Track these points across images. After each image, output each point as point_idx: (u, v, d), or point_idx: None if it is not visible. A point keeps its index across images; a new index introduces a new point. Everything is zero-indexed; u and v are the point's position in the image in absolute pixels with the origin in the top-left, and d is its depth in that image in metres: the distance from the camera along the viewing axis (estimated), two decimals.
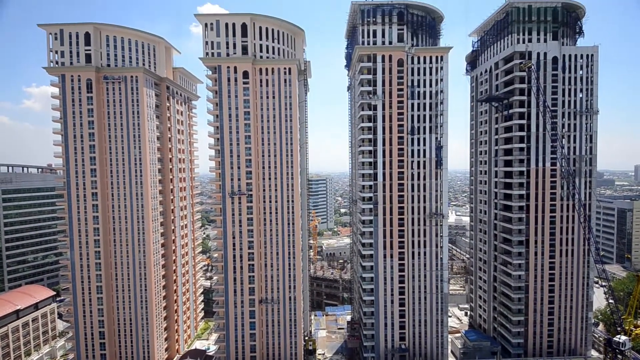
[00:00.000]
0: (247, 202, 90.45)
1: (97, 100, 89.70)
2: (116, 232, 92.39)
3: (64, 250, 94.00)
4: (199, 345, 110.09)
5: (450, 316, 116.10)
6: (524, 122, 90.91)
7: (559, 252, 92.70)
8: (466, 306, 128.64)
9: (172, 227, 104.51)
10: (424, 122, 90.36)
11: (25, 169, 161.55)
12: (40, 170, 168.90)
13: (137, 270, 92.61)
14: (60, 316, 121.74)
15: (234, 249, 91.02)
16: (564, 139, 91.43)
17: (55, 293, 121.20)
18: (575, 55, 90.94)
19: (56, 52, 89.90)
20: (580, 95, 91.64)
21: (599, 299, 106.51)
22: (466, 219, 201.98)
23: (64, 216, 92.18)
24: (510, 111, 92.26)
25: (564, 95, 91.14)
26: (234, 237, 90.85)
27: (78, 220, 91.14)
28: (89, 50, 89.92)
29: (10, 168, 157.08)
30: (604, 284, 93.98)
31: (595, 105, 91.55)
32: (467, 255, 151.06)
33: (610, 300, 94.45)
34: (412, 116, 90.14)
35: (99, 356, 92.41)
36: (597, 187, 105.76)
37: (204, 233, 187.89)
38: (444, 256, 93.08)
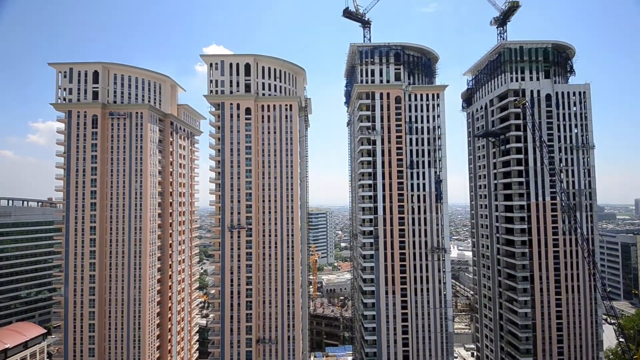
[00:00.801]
0: (246, 236, 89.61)
1: (101, 135, 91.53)
2: (112, 267, 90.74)
3: (58, 285, 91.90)
4: None
5: (456, 357, 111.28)
6: (521, 156, 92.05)
7: (564, 288, 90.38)
8: (472, 346, 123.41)
9: (170, 262, 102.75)
10: (423, 156, 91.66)
11: (25, 203, 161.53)
12: (40, 203, 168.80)
13: (131, 307, 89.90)
14: (49, 356, 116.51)
15: (232, 285, 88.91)
16: (562, 173, 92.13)
17: (46, 331, 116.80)
18: (568, 93, 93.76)
19: (64, 89, 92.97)
20: (576, 131, 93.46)
21: (609, 338, 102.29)
22: (468, 254, 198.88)
23: (61, 250, 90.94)
24: (508, 146, 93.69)
25: (559, 130, 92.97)
26: (232, 273, 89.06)
27: (74, 255, 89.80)
28: (97, 87, 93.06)
29: (10, 202, 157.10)
30: (613, 321, 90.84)
31: (591, 140, 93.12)
32: (471, 292, 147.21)
33: (621, 339, 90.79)
34: (411, 151, 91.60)
35: None
36: (599, 221, 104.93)
37: (202, 268, 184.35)
38: (448, 293, 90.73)
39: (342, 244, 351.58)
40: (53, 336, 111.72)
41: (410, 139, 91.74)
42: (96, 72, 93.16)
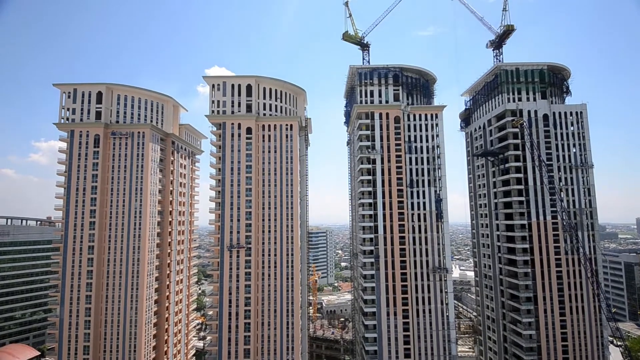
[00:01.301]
0: (245, 255, 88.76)
1: (102, 154, 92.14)
2: (109, 287, 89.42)
3: (54, 306, 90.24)
4: None
5: None
6: (520, 175, 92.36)
7: (569, 309, 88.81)
8: None
9: (167, 283, 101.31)
10: (423, 175, 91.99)
11: (24, 222, 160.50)
12: (39, 222, 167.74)
13: (127, 328, 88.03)
14: None
15: (230, 306, 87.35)
16: (562, 192, 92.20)
17: (39, 353, 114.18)
18: (565, 113, 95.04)
19: (68, 109, 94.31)
20: (574, 150, 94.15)
21: None
22: (471, 274, 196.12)
23: (58, 270, 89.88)
24: (507, 165, 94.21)
25: (557, 150, 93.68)
26: (230, 293, 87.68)
27: (72, 275, 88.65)
28: (100, 107, 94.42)
29: (8, 220, 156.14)
30: (619, 343, 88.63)
31: (590, 159, 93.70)
32: (474, 313, 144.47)
33: None
34: (411, 170, 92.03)
35: None
36: (601, 241, 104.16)
37: (200, 289, 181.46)
38: (450, 314, 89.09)
39: (343, 264, 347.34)
40: (47, 358, 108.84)
41: (410, 158, 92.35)
42: (100, 92, 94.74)
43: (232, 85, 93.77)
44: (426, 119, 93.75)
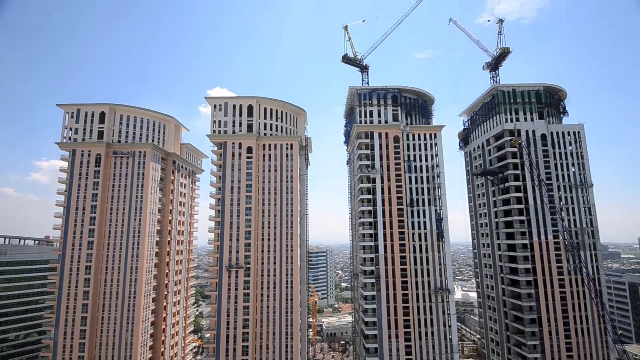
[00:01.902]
0: (244, 275, 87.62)
1: (103, 173, 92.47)
2: (105, 308, 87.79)
3: (48, 328, 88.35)
4: None
5: None
6: (521, 194, 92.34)
7: (574, 330, 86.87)
8: None
9: (165, 304, 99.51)
10: (423, 194, 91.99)
11: (22, 241, 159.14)
12: (37, 242, 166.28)
13: (122, 352, 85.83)
14: None
15: (228, 328, 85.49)
16: (562, 212, 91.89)
17: None
18: (563, 133, 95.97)
19: (70, 128, 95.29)
20: (573, 169, 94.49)
21: None
22: (473, 295, 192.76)
23: (54, 291, 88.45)
24: (507, 184, 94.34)
25: (556, 169, 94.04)
26: (228, 315, 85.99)
27: (67, 295, 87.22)
28: (102, 127, 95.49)
29: (6, 240, 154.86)
30: None
31: (589, 178, 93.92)
32: (478, 336, 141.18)
33: None
34: (411, 189, 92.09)
35: None
36: (604, 260, 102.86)
37: (197, 310, 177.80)
38: (454, 337, 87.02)
39: (343, 284, 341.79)
40: None
41: (410, 177, 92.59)
42: (103, 112, 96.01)
43: (234, 106, 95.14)
44: (425, 139, 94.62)
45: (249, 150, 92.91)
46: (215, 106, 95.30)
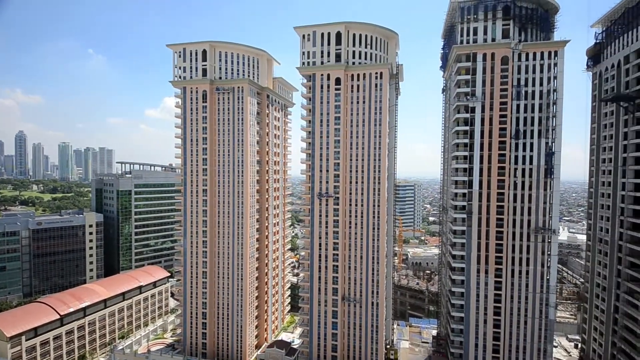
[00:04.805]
0: (334, 204, 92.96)
1: (210, 109, 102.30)
2: (220, 224, 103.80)
3: (179, 237, 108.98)
4: (284, 337, 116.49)
5: (555, 346, 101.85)
6: None
7: None
8: (577, 337, 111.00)
9: (266, 224, 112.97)
10: (532, 125, 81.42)
11: (152, 167, 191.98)
12: (163, 168, 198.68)
13: (235, 260, 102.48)
14: (172, 295, 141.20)
15: (320, 249, 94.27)
16: None
17: (169, 274, 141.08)
18: None
19: (179, 67, 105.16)
20: None
21: None
22: (582, 237, 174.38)
23: (180, 208, 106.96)
24: None
25: None
26: (319, 238, 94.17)
27: (190, 213, 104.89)
28: (205, 65, 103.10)
29: (141, 166, 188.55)
30: None
31: None
32: (581, 279, 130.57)
33: None
34: (517, 119, 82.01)
35: (200, 335, 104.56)
36: None
37: (293, 232, 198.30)
38: (552, 278, 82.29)
39: (430, 218, 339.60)
40: (175, 279, 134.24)
41: (517, 106, 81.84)
42: (204, 50, 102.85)
43: (322, 35, 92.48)
44: (542, 58, 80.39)
45: (337, 81, 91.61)
46: (304, 36, 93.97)
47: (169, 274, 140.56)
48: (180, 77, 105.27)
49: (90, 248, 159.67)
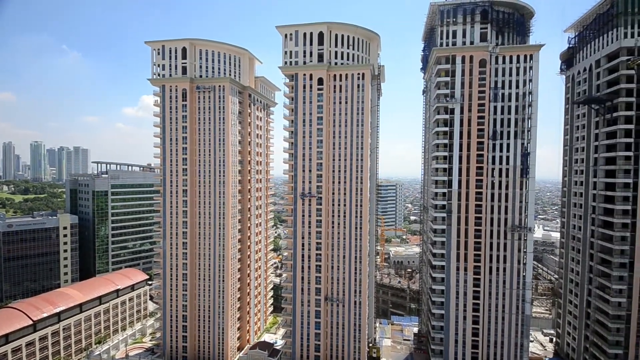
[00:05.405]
0: (316, 204, 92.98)
1: (190, 107, 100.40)
2: (201, 225, 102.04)
3: (158, 239, 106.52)
4: (267, 338, 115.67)
5: (532, 341, 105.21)
6: (631, 127, 79.03)
7: None
8: (552, 332, 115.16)
9: (248, 225, 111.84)
10: (508, 126, 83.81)
11: (129, 167, 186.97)
12: (141, 168, 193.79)
13: (216, 261, 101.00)
14: (151, 298, 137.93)
15: (303, 249, 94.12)
16: None
17: (148, 277, 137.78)
18: None
19: (158, 65, 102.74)
20: None
21: None
22: (556, 235, 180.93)
23: (160, 209, 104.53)
24: (614, 114, 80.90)
25: None
26: (303, 238, 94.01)
27: (170, 214, 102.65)
28: (185, 63, 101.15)
29: (118, 166, 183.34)
30: None
31: None
32: (556, 276, 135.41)
33: None
34: (495, 120, 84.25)
35: (181, 338, 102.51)
36: None
37: (276, 232, 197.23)
38: (528, 274, 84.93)
39: (412, 217, 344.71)
40: (154, 282, 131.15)
41: (495, 107, 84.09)
42: (184, 48, 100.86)
43: (304, 34, 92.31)
44: (518, 62, 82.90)
45: (320, 81, 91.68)
46: (286, 35, 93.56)
47: (147, 277, 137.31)
48: (159, 75, 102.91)
49: (65, 251, 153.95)
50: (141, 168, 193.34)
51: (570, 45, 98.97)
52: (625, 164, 79.77)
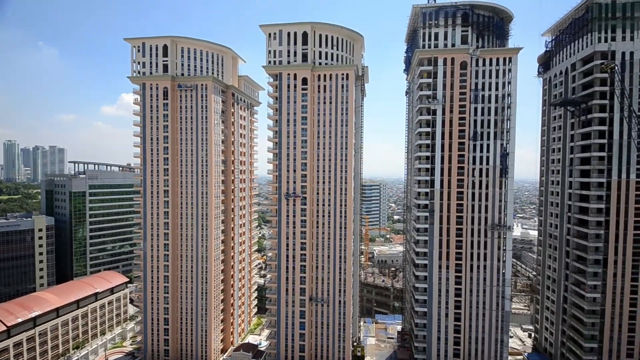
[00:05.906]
0: (301, 204, 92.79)
1: (171, 106, 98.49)
2: (183, 226, 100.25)
3: (138, 241, 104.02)
4: (251, 339, 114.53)
5: (511, 336, 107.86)
6: (604, 128, 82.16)
7: None
8: (530, 327, 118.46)
9: (232, 225, 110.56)
10: (488, 127, 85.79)
11: (108, 167, 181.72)
12: (120, 168, 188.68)
13: (199, 262, 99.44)
14: (131, 301, 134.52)
15: (287, 249, 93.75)
16: None
17: (128, 280, 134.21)
18: None
19: (138, 62, 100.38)
20: None
21: None
22: (534, 233, 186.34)
23: (140, 210, 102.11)
24: (589, 116, 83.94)
25: None
26: (287, 238, 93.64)
27: (151, 215, 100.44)
28: (166, 61, 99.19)
29: (96, 166, 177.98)
30: None
31: None
32: (534, 273, 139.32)
33: None
34: (475, 121, 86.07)
35: (162, 341, 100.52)
36: None
37: (260, 232, 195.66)
38: (507, 271, 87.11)
39: (395, 217, 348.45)
40: (134, 284, 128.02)
41: (475, 109, 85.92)
42: (165, 45, 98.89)
43: (288, 34, 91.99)
44: (497, 64, 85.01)
45: (304, 81, 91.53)
46: (270, 35, 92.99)
47: (127, 280, 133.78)
48: (139, 72, 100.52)
49: (40, 254, 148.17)
50: (120, 168, 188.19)
51: (547, 49, 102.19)
52: (599, 164, 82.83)
